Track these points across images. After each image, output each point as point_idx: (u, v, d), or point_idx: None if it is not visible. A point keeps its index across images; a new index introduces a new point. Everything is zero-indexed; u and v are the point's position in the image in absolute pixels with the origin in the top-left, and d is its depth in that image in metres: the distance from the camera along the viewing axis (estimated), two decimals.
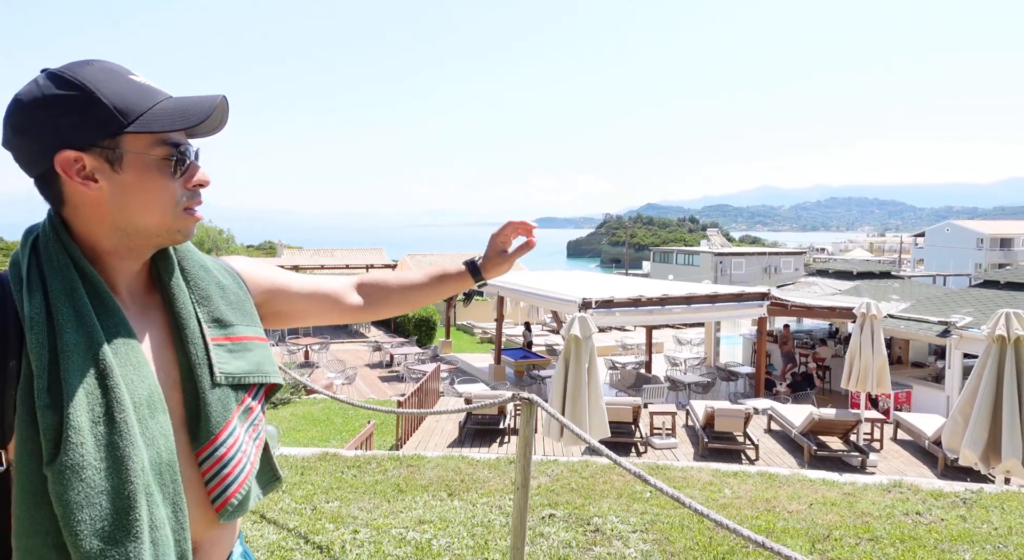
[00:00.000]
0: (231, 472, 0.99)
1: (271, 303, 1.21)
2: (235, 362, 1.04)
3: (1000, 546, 4.36)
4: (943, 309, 15.75)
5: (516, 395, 3.56)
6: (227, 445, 0.99)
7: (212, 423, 0.98)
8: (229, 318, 1.06)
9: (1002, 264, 47.21)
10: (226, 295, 1.08)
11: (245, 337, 1.07)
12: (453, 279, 1.50)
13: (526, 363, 18.37)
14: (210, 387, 0.99)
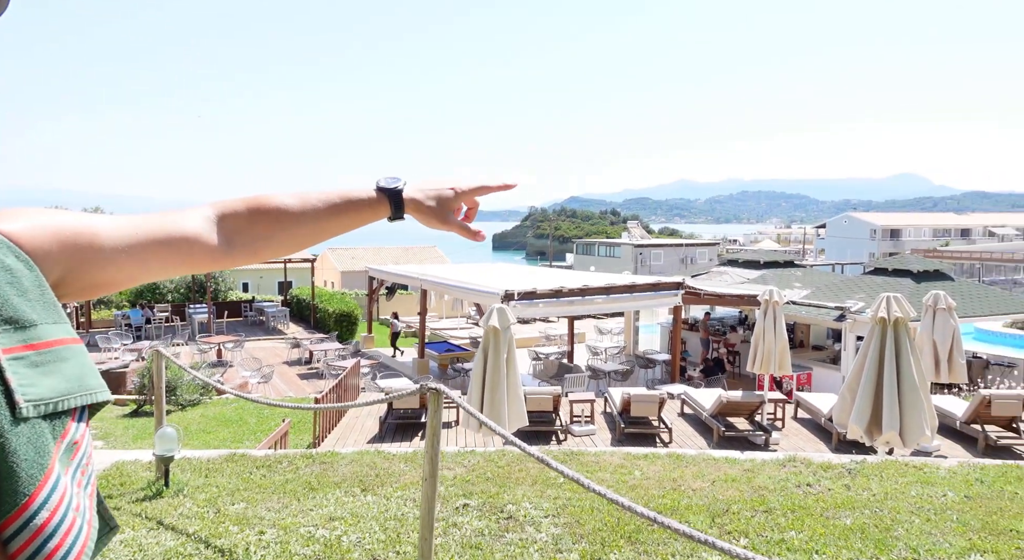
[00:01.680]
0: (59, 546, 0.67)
1: (77, 273, 0.81)
2: (46, 381, 0.70)
3: (877, 510, 4.75)
4: (839, 295, 16.89)
5: (423, 386, 3.55)
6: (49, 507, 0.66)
7: (22, 479, 0.65)
8: (27, 315, 0.71)
9: (891, 253, 51.20)
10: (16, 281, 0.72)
11: (54, 341, 0.73)
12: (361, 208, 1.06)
13: (450, 356, 18.34)
14: (11, 424, 0.65)
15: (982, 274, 41.81)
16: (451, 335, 24.88)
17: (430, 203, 1.08)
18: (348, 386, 12.34)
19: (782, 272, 20.78)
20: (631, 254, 53.15)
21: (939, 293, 10.14)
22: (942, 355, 9.88)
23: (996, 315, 17.45)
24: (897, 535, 4.26)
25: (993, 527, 4.42)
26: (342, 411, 11.42)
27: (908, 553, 3.97)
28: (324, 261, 40.80)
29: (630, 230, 65.53)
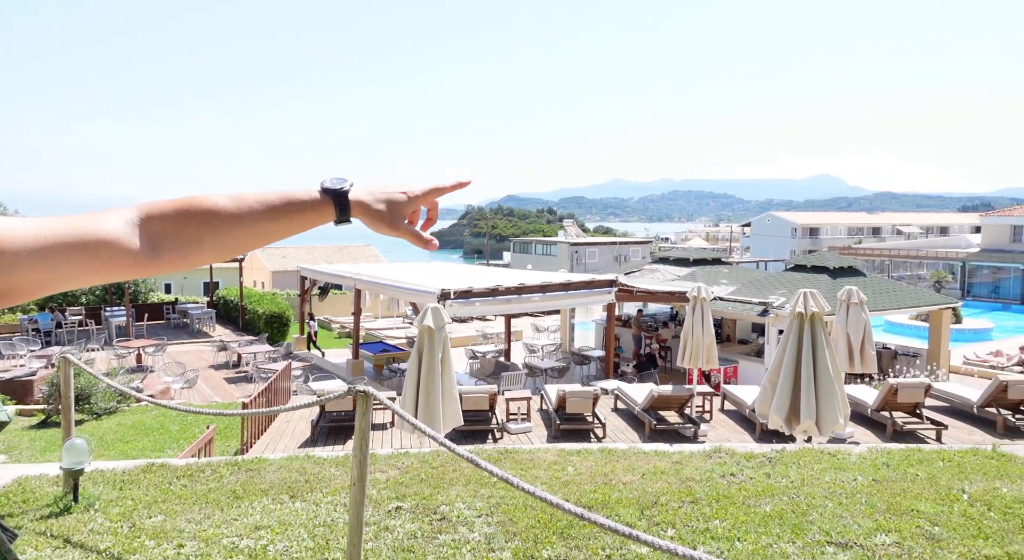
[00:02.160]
0: None
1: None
2: None
3: (795, 496, 4.99)
4: (763, 291, 17.66)
5: (351, 389, 3.48)
6: None
7: None
8: None
9: (811, 250, 53.97)
10: None
11: None
12: (304, 210, 0.97)
13: (385, 356, 18.08)
14: None
15: (891, 270, 44.67)
16: (387, 335, 24.55)
17: (379, 207, 1.00)
18: (279, 389, 11.97)
19: (710, 269, 21.54)
20: (567, 252, 53.86)
21: (852, 288, 10.76)
22: (855, 347, 10.50)
23: (903, 308, 18.67)
24: (812, 519, 4.49)
25: (897, 508, 4.73)
26: (272, 416, 11.07)
27: (821, 536, 4.19)
28: (253, 261, 39.42)
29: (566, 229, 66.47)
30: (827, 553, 3.95)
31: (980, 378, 17.12)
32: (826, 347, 7.59)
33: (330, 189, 0.98)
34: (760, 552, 3.97)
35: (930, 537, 4.20)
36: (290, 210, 0.96)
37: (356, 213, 1.00)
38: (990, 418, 11.40)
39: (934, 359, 18.02)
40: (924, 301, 18.87)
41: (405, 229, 1.04)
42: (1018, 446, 7.62)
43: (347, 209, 0.98)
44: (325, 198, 0.98)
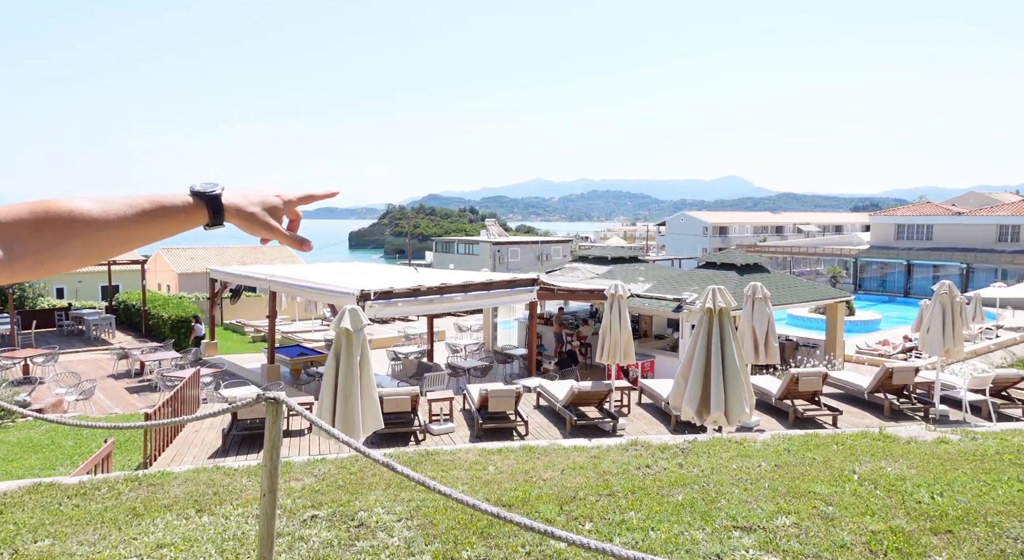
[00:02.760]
0: None
1: None
2: None
3: (705, 485, 5.22)
4: (677, 288, 18.37)
5: (261, 396, 3.34)
6: None
7: None
8: None
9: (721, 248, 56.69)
10: None
11: None
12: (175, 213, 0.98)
13: (303, 360, 17.51)
14: None
15: (792, 266, 47.57)
16: (304, 338, 23.77)
17: (253, 209, 1.03)
18: (186, 398, 11.35)
19: (628, 267, 22.18)
20: (489, 251, 54.03)
21: (756, 284, 11.36)
22: (760, 339, 11.09)
23: (803, 302, 19.92)
24: (720, 506, 4.71)
25: (796, 490, 5.05)
26: (179, 426, 10.48)
27: (728, 521, 4.41)
28: (158, 262, 37.20)
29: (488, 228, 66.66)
30: (733, 537, 4.15)
31: (870, 366, 18.53)
32: (733, 341, 7.99)
33: (202, 192, 1.00)
34: (672, 540, 4.12)
35: (825, 516, 4.50)
36: (161, 214, 0.96)
37: (230, 216, 1.02)
38: (879, 403, 12.37)
39: (831, 349, 19.35)
40: (821, 295, 20.21)
41: (279, 230, 1.07)
42: (901, 427, 8.31)
43: (220, 212, 1.00)
44: (197, 202, 0.99)
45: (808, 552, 3.93)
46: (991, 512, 4.54)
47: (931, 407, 11.84)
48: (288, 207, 1.08)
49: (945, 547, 4.00)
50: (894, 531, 4.22)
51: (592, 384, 11.92)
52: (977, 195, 59.46)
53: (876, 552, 3.93)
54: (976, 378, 12.08)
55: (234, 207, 1.01)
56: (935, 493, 4.95)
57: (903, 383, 12.49)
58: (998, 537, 4.13)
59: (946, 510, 4.57)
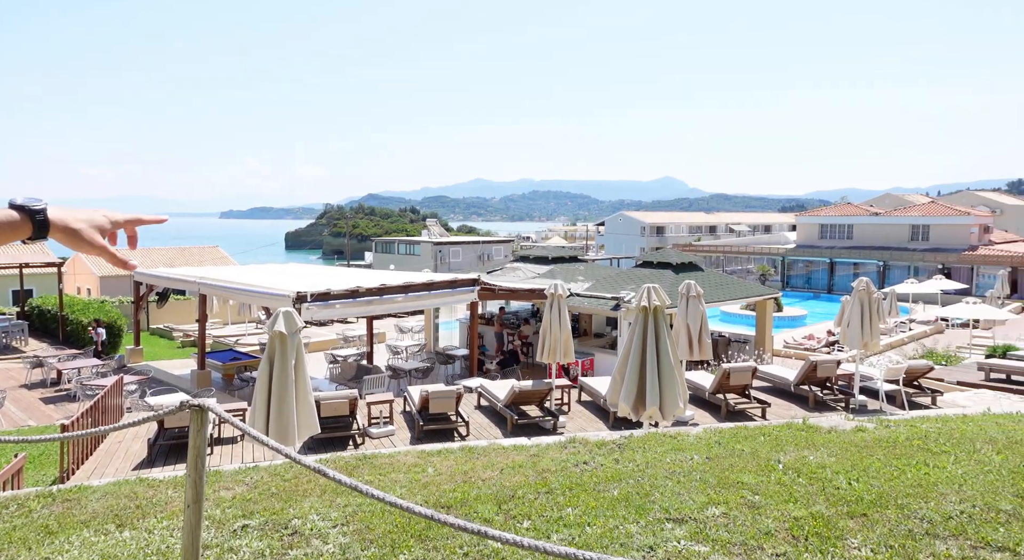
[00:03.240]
0: None
1: None
2: None
3: (639, 479, 5.36)
4: (616, 287, 18.73)
5: (184, 403, 3.21)
6: None
7: None
8: None
9: (657, 247, 58.18)
10: None
11: None
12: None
13: (236, 365, 16.93)
14: None
15: (725, 264, 49.31)
16: (238, 342, 22.98)
17: (79, 225, 1.09)
18: (108, 407, 10.78)
19: (568, 267, 22.46)
20: (431, 252, 53.63)
21: (690, 283, 11.72)
22: (694, 336, 11.44)
23: (735, 299, 20.67)
24: (654, 499, 4.84)
25: (725, 481, 5.24)
26: (100, 437, 9.95)
27: (661, 514, 4.54)
28: (77, 265, 35.18)
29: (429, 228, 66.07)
30: (666, 529, 4.28)
31: (797, 360, 19.41)
32: (668, 338, 8.22)
33: (25, 206, 1.03)
34: (608, 535, 4.21)
35: (751, 505, 4.69)
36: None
37: (55, 231, 1.07)
38: (804, 394, 12.98)
39: (760, 344, 20.16)
40: (752, 293, 21.03)
41: (104, 246, 1.14)
42: (824, 418, 8.74)
43: (46, 226, 1.05)
44: (23, 216, 1.03)
45: (735, 540, 4.08)
46: (901, 495, 4.85)
47: (851, 397, 12.51)
48: (115, 228, 1.16)
49: (860, 529, 4.24)
50: (814, 517, 4.44)
51: (533, 383, 12.01)
52: (892, 197, 63.23)
53: (798, 537, 4.13)
54: (891, 369, 12.85)
55: (60, 222, 1.06)
56: (852, 479, 5.24)
57: (826, 375, 13.15)
58: (907, 518, 4.41)
59: (861, 495, 4.84)
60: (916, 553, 3.87)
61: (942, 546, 3.95)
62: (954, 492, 4.88)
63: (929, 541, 4.03)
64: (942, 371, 16.05)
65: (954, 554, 3.84)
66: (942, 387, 14.33)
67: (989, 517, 4.37)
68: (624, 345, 8.35)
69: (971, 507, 4.54)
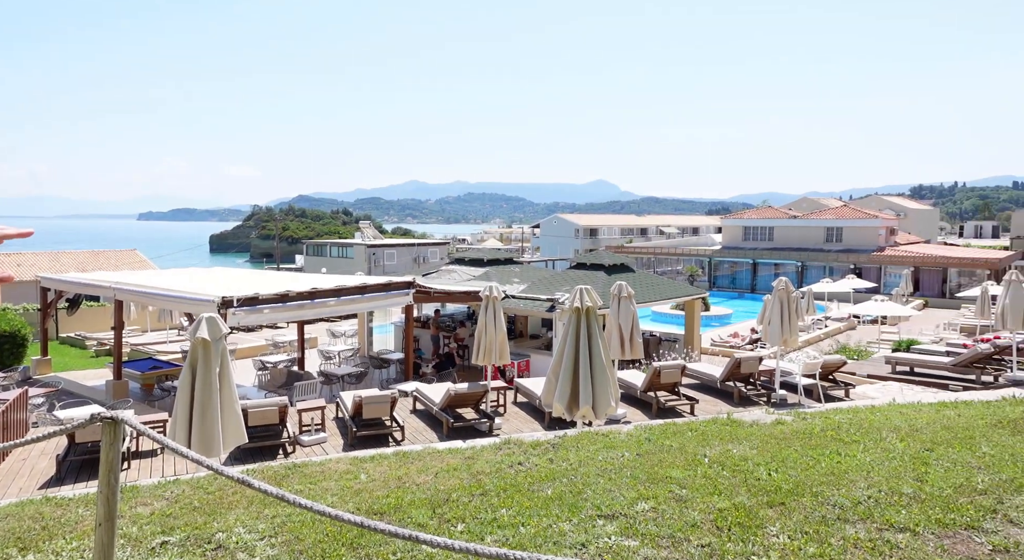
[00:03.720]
0: None
1: None
2: None
3: (573, 478, 5.44)
4: (550, 288, 18.94)
5: (96, 416, 3.04)
6: None
7: None
8: None
9: (591, 249, 59.29)
10: None
11: None
12: None
13: (155, 374, 16.11)
14: None
15: (655, 265, 50.76)
16: (158, 350, 21.86)
17: None
18: (11, 422, 10.03)
19: (503, 269, 22.54)
20: (364, 254, 52.70)
21: (622, 284, 11.99)
22: (626, 336, 11.71)
23: (665, 299, 21.30)
24: (586, 497, 4.93)
25: (655, 477, 5.40)
26: (2, 455, 9.25)
27: (593, 511, 4.63)
28: None
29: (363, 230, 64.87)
30: (597, 526, 4.37)
31: (723, 357, 20.19)
32: (600, 338, 8.38)
33: None
34: (541, 534, 4.26)
35: (679, 499, 4.86)
36: None
37: None
38: (729, 390, 13.51)
39: (689, 343, 20.85)
40: (680, 292, 21.73)
41: None
42: (747, 412, 9.14)
43: None
44: None
45: (663, 533, 4.21)
46: (815, 483, 5.13)
47: (772, 392, 13.12)
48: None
49: (779, 518, 4.46)
50: (737, 507, 4.64)
51: (468, 386, 12.00)
52: (809, 201, 66.78)
53: (722, 528, 4.30)
54: (808, 364, 13.56)
55: None
56: (771, 470, 5.51)
57: (749, 371, 13.74)
58: (821, 505, 4.67)
59: (780, 485, 5.10)
60: (828, 537, 4.10)
61: (851, 530, 4.21)
62: (862, 478, 5.21)
63: (840, 525, 4.28)
64: (854, 365, 17.06)
65: (862, 537, 4.10)
66: (854, 380, 15.23)
67: (893, 501, 4.69)
68: (558, 346, 8.46)
69: (877, 492, 4.86)
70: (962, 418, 7.39)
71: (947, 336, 23.33)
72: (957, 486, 4.90)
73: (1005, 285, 14.70)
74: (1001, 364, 15.33)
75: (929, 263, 39.01)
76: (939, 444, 6.14)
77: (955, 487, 4.89)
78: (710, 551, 3.95)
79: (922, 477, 5.19)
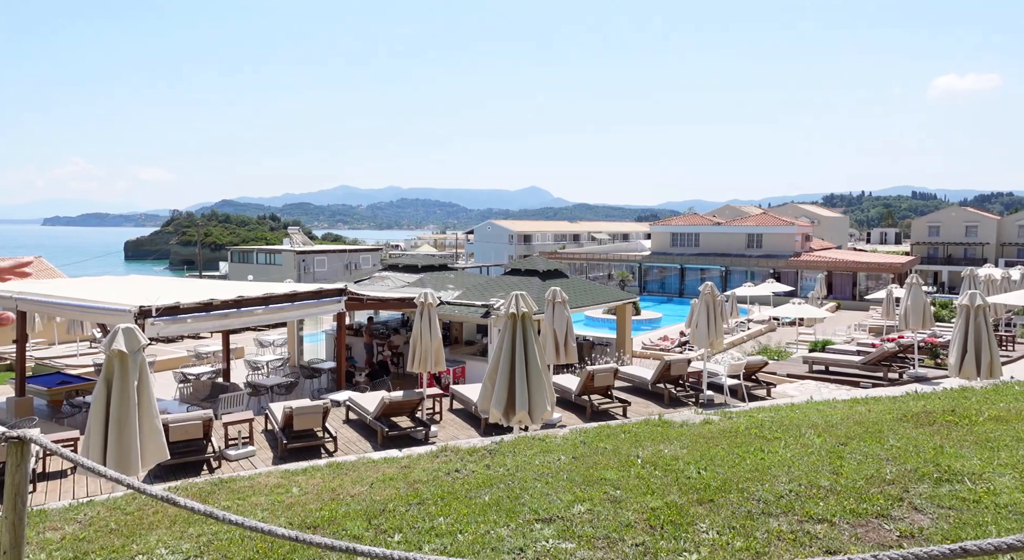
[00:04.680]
0: None
1: None
2: None
3: (510, 483, 5.47)
4: (486, 294, 18.97)
5: (2, 435, 2.82)
6: None
7: None
8: None
9: (525, 255, 59.80)
10: None
11: None
12: None
13: (64, 389, 15.07)
14: None
15: (588, 271, 51.73)
16: (67, 364, 20.47)
17: None
18: None
19: (438, 275, 22.40)
20: (293, 261, 51.19)
21: (556, 289, 12.16)
22: (560, 340, 11.86)
23: (597, 304, 21.74)
24: (524, 501, 4.97)
25: (590, 479, 5.50)
26: None
27: (531, 515, 4.67)
28: None
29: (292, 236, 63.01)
30: (535, 530, 4.40)
31: (654, 360, 20.76)
32: (535, 343, 8.46)
33: None
34: (479, 540, 4.26)
35: (614, 500, 4.96)
36: None
37: None
38: (660, 392, 13.91)
39: (621, 346, 21.34)
40: (612, 297, 22.22)
41: None
42: (677, 413, 9.43)
43: None
44: None
45: (599, 535, 4.29)
46: (742, 479, 5.35)
47: (700, 393, 13.60)
48: None
49: (708, 514, 4.63)
50: (669, 506, 4.78)
51: (404, 393, 11.83)
52: (731, 208, 69.78)
53: (655, 527, 4.42)
54: (732, 365, 14.13)
55: None
56: (700, 468, 5.71)
57: (679, 373, 14.19)
58: (747, 501, 4.88)
59: (709, 482, 5.29)
60: (754, 531, 4.29)
61: (775, 523, 4.42)
62: (784, 473, 5.48)
63: (764, 520, 4.49)
64: (775, 365, 17.92)
65: (784, 529, 4.31)
66: (775, 380, 15.99)
67: (812, 493, 4.96)
68: (494, 352, 8.48)
69: (798, 486, 5.12)
70: (872, 413, 7.89)
71: (857, 336, 24.86)
72: (868, 477, 5.23)
73: (907, 288, 15.83)
74: (905, 361, 16.48)
75: (841, 267, 41.51)
76: (852, 438, 6.53)
77: (866, 478, 5.21)
78: (644, 550, 4.05)
79: (837, 470, 5.51)
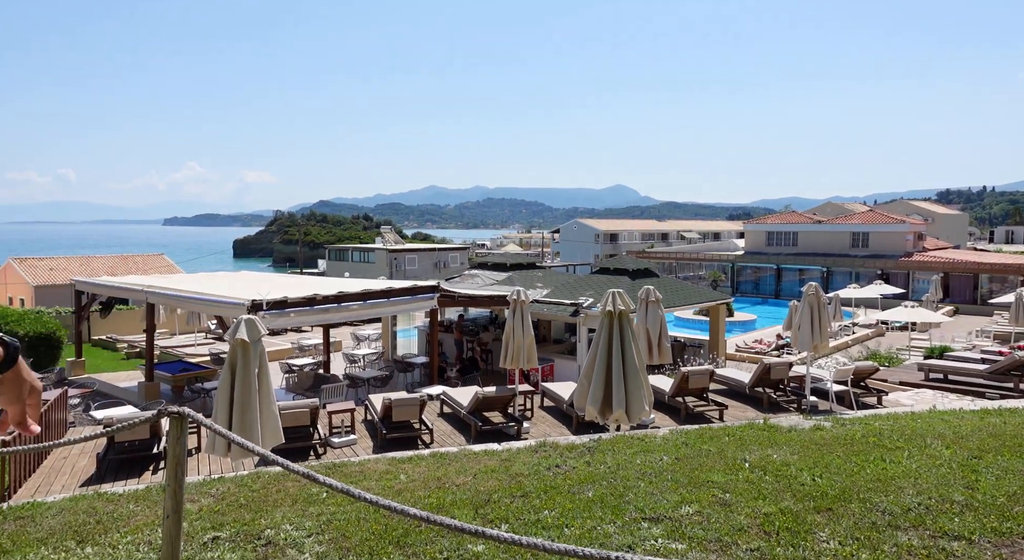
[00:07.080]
0: None
1: None
2: None
3: (612, 480, 5.42)
4: (574, 293, 18.92)
5: (163, 411, 3.11)
6: None
7: None
8: None
9: (612, 254, 59.12)
10: None
11: None
12: None
13: (186, 376, 16.34)
14: None
15: (677, 271, 50.42)
16: (187, 353, 22.20)
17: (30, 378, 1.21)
18: (51, 422, 10.25)
19: (526, 273, 22.56)
20: (386, 259, 53.07)
21: (649, 288, 11.95)
22: (654, 340, 11.66)
23: (689, 305, 21.16)
24: (628, 499, 4.91)
25: (696, 481, 5.36)
26: (43, 454, 9.46)
27: (637, 513, 4.61)
28: (8, 274, 33.40)
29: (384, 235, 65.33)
30: (643, 528, 4.35)
31: (749, 363, 19.98)
32: (632, 342, 8.36)
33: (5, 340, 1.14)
34: (586, 535, 4.25)
35: (723, 503, 4.82)
36: None
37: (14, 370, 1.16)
38: (758, 396, 13.37)
39: (714, 348, 20.67)
40: (704, 298, 21.56)
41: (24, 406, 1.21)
42: (780, 418, 9.03)
43: (14, 361, 1.15)
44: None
45: (711, 537, 4.18)
46: (862, 489, 5.05)
47: (803, 398, 12.95)
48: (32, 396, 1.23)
49: (827, 523, 4.41)
50: (783, 512, 4.59)
51: (496, 389, 12.01)
52: (833, 205, 65.92)
53: (770, 533, 4.25)
54: (840, 370, 13.37)
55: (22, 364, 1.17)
56: (815, 475, 5.44)
57: (779, 377, 13.58)
58: (870, 511, 4.60)
59: (826, 490, 5.03)
60: (881, 544, 4.04)
61: (904, 537, 4.14)
62: (911, 485, 5.12)
63: (891, 532, 4.22)
64: (885, 372, 16.79)
65: (915, 544, 4.03)
66: (886, 387, 14.98)
67: (944, 508, 4.61)
68: (591, 349, 8.44)
69: (927, 499, 4.78)
70: (1008, 426, 7.24)
71: (980, 343, 22.87)
72: (1011, 494, 4.80)
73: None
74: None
75: (959, 268, 38.27)
76: (987, 451, 6.01)
77: (1008, 495, 4.79)
78: (760, 556, 3.91)
79: (972, 484, 5.09)
